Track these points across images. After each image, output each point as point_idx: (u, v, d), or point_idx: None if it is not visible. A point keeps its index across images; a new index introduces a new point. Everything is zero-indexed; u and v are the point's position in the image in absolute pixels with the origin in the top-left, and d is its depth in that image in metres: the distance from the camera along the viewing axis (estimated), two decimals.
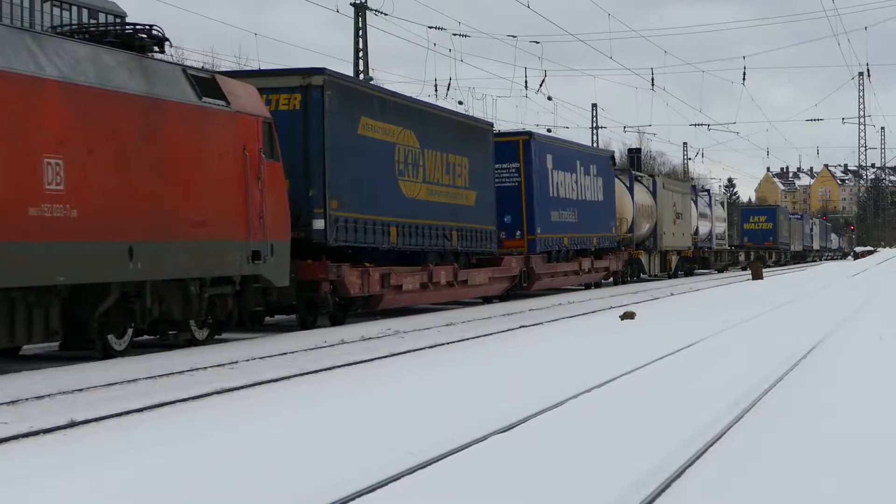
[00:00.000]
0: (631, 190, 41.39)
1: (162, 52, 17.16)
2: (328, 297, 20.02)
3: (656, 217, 44.85)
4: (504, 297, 29.59)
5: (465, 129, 26.88)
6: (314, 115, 20.10)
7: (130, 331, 15.50)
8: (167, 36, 16.69)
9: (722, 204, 63.66)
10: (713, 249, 58.22)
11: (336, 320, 21.11)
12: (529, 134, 31.48)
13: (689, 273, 52.65)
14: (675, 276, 49.31)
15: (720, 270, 61.59)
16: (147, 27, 16.39)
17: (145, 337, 16.53)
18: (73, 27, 16.54)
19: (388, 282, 21.96)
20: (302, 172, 20.01)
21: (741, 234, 77.67)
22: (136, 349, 15.56)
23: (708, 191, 60.75)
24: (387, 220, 22.35)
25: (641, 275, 44.67)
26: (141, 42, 16.16)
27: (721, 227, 61.51)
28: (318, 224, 20.01)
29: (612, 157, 39.10)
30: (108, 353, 14.92)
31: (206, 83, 16.86)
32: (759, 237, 76.29)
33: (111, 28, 16.48)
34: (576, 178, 34.44)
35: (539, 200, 31.07)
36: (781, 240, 78.53)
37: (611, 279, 39.99)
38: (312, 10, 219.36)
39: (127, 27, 16.53)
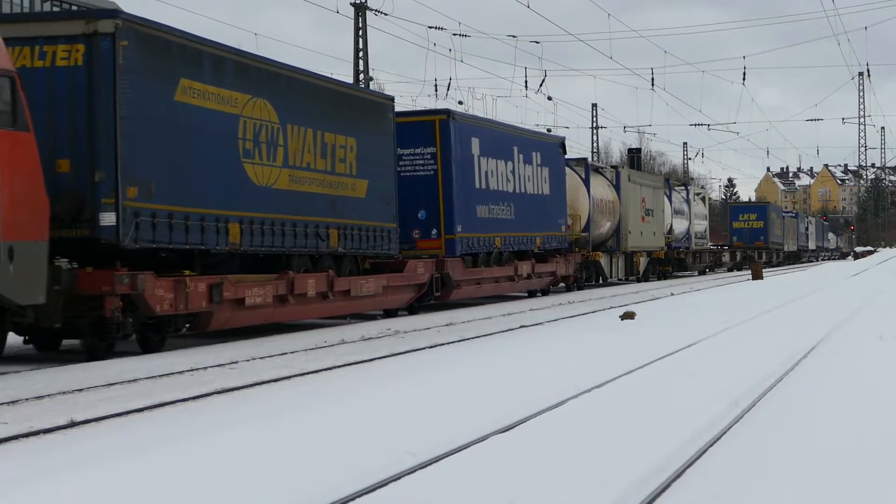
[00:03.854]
0: (587, 182, 36.23)
1: None
2: (119, 317, 15.05)
3: (620, 214, 39.73)
4: (413, 310, 24.52)
5: (351, 103, 21.79)
6: (102, 72, 15.21)
7: None
8: None
9: (703, 199, 58.40)
10: (691, 250, 52.98)
11: (148, 346, 16.14)
12: (447, 112, 26.36)
13: (663, 276, 47.50)
14: (645, 279, 44.21)
15: (701, 272, 56.58)
16: None
17: None
18: None
19: (219, 294, 16.94)
20: (86, 150, 15.14)
21: (730, 233, 72.78)
22: None
23: (685, 185, 55.48)
24: (223, 215, 17.37)
25: (603, 279, 39.53)
26: None
27: (702, 226, 56.30)
28: (108, 219, 15.10)
29: (563, 145, 33.74)
30: None
31: None
32: (749, 236, 71.40)
33: None
34: (512, 166, 29.36)
35: (460, 193, 26.03)
36: (773, 239, 73.65)
37: (562, 285, 34.94)
38: (300, 11, 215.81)
39: None
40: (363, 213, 21.69)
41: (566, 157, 34.74)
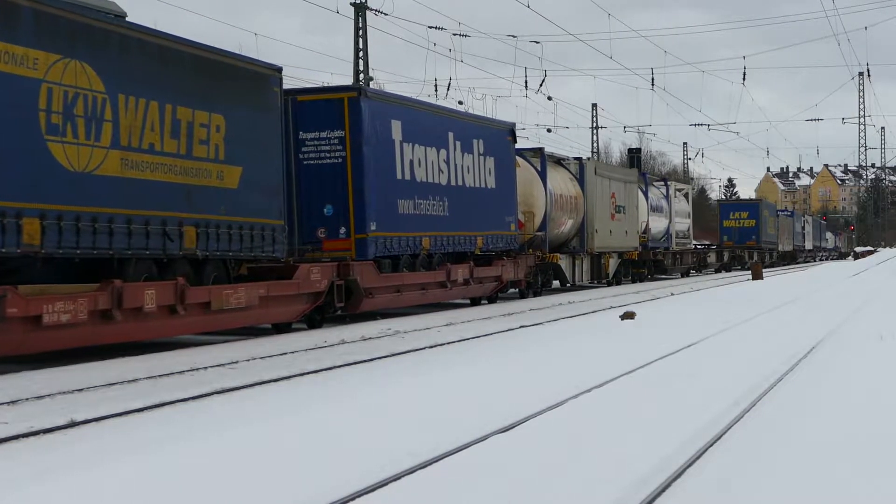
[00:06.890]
0: (543, 175, 32.17)
1: None
2: None
3: (585, 210, 35.76)
4: (314, 323, 20.51)
5: (217, 72, 17.74)
6: None
7: None
8: None
9: (686, 196, 54.36)
10: (671, 250, 48.94)
11: None
12: (358, 89, 22.40)
13: (638, 279, 43.49)
14: (617, 283, 40.23)
15: (684, 275, 52.63)
16: None
17: None
18: None
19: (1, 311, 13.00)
20: None
21: (720, 232, 68.90)
22: None
23: (665, 180, 51.37)
24: (13, 208, 13.51)
25: (571, 284, 35.51)
26: None
27: (684, 224, 52.24)
28: None
29: (512, 131, 29.63)
30: None
31: None
32: (739, 235, 67.47)
33: None
34: (447, 155, 25.37)
35: (375, 184, 22.07)
36: (766, 238, 69.76)
37: (514, 291, 30.98)
38: (296, 12, 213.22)
39: None
40: (235, 208, 17.76)
41: (520, 146, 30.89)
